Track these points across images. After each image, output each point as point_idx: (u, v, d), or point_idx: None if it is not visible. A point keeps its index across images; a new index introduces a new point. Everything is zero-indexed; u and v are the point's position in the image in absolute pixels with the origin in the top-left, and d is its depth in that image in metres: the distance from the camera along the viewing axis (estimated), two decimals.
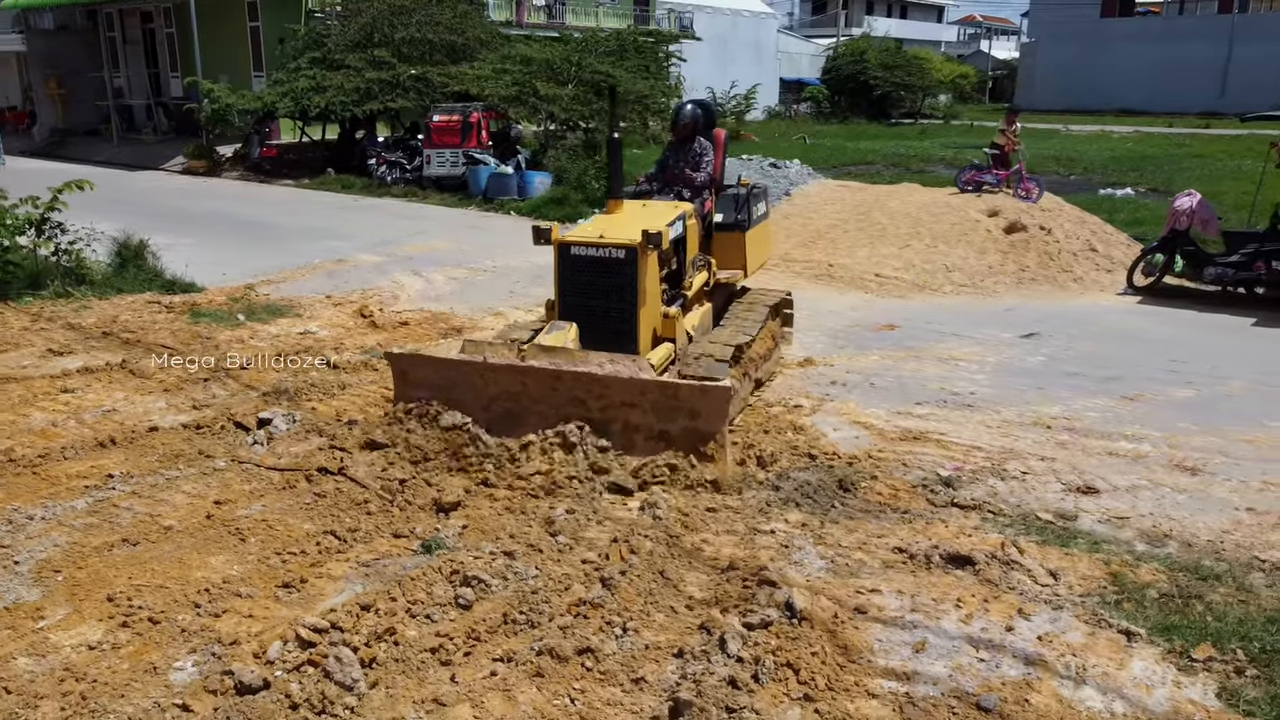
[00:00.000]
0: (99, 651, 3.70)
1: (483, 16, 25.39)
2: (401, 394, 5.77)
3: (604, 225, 6.26)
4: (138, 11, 29.72)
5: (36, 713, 3.31)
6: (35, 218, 9.92)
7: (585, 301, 6.05)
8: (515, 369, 5.40)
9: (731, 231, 7.30)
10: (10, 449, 5.66)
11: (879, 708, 3.45)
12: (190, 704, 3.26)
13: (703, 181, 7.11)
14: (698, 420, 5.19)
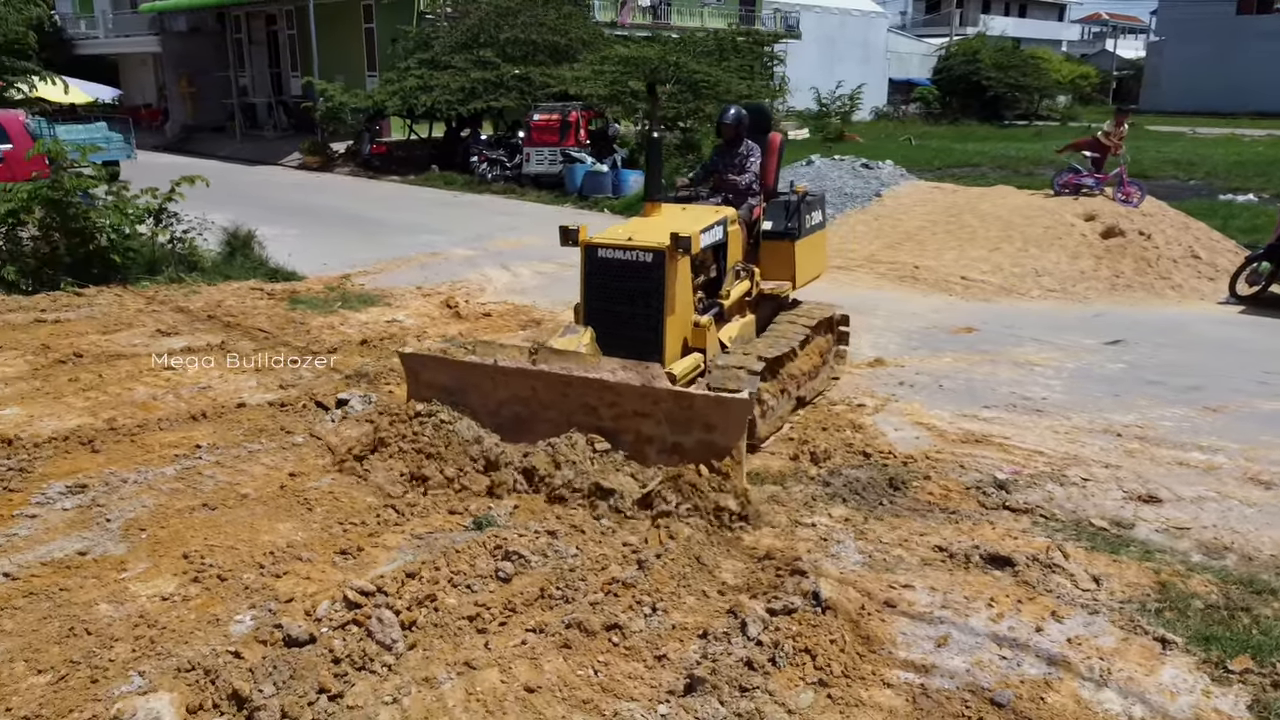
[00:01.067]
0: (170, 602, 4.03)
1: (586, 17, 25.78)
2: (414, 393, 5.63)
3: (635, 228, 6.06)
4: (263, 14, 31.21)
5: (110, 652, 3.65)
6: (154, 208, 10.63)
7: (611, 307, 5.83)
8: (526, 373, 5.21)
9: (780, 240, 7.02)
10: (113, 419, 6.14)
11: (892, 697, 3.50)
12: (242, 652, 3.55)
13: (746, 185, 6.84)
14: (713, 434, 4.87)
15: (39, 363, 7.34)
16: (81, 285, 9.90)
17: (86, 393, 6.68)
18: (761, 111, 7.44)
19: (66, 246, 10.11)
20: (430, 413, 5.36)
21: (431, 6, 25.90)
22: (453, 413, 5.35)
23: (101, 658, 3.62)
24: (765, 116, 7.42)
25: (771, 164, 7.14)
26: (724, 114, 6.92)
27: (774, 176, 7.18)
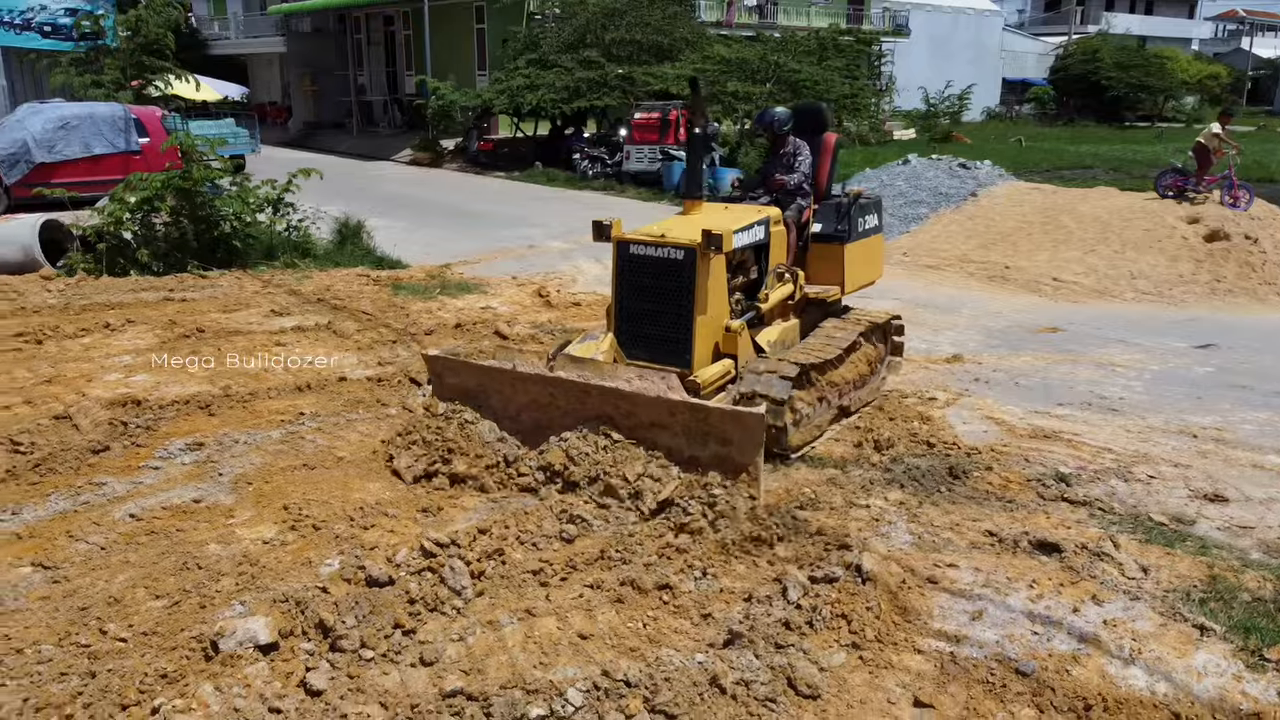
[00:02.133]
0: (270, 546, 4.49)
1: (691, 17, 26.08)
2: (439, 394, 5.61)
3: (670, 225, 5.93)
4: (381, 15, 32.50)
5: (217, 584, 4.11)
6: (272, 198, 11.38)
7: (641, 305, 5.72)
8: (544, 379, 5.14)
9: (830, 243, 6.79)
10: (228, 387, 6.73)
11: (921, 662, 3.69)
12: (329, 588, 3.96)
13: (795, 185, 6.63)
14: (729, 448, 4.70)
15: (166, 336, 8.04)
16: (206, 268, 10.69)
17: (207, 364, 7.31)
18: (816, 111, 7.26)
19: (194, 232, 10.93)
20: (454, 411, 5.37)
21: (541, 8, 26.60)
22: (476, 414, 5.33)
23: (209, 588, 4.09)
24: (819, 116, 7.22)
25: (824, 165, 6.96)
26: (761, 115, 6.81)
27: (827, 178, 6.99)
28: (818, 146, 6.89)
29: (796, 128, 6.78)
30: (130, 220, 10.62)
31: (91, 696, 3.30)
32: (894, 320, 7.19)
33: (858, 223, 6.88)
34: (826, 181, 6.96)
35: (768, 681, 3.51)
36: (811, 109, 7.28)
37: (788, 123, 6.72)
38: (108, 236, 10.55)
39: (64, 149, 15.03)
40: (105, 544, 4.52)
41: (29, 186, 14.55)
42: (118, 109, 15.81)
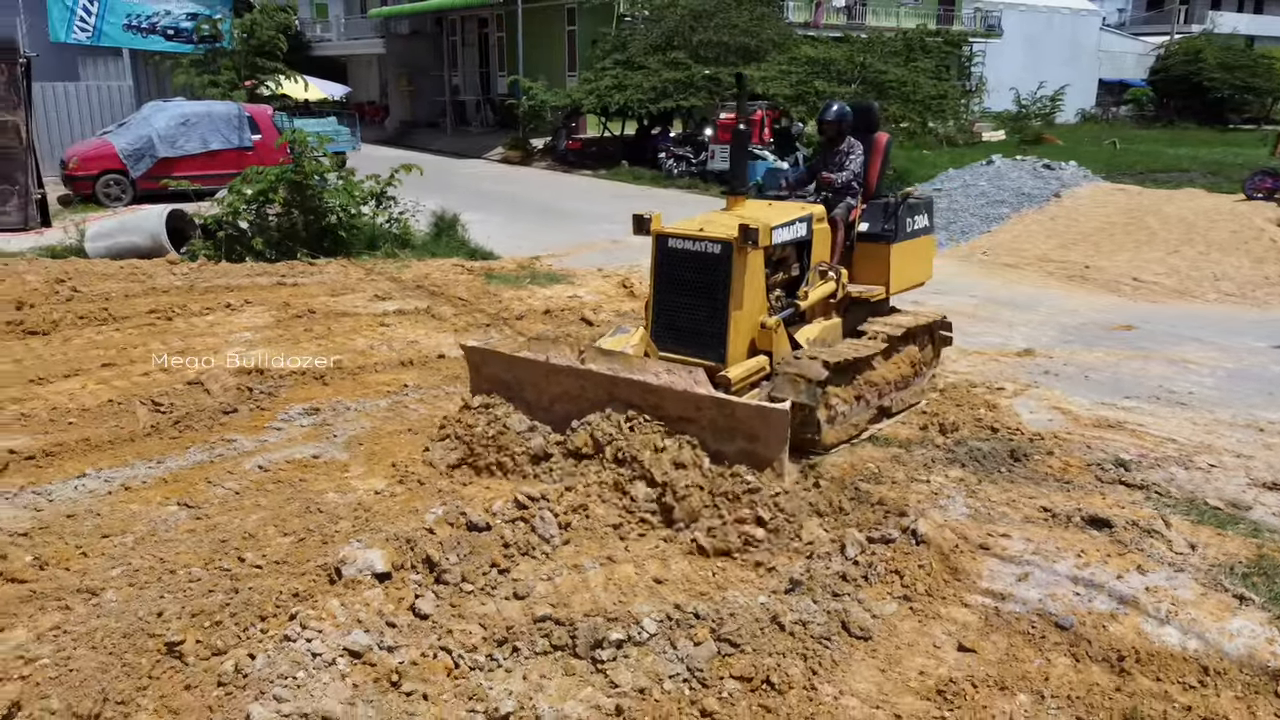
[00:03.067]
0: (381, 496, 5.04)
1: (779, 19, 26.30)
2: (476, 386, 5.69)
3: (709, 219, 5.95)
4: (475, 17, 33.48)
5: (336, 525, 4.66)
6: (376, 192, 12.10)
7: (677, 299, 5.75)
8: (575, 371, 5.20)
9: (876, 243, 6.75)
10: (340, 361, 7.35)
11: (966, 614, 4.02)
12: (435, 530, 4.46)
13: (844, 183, 6.62)
14: (755, 444, 4.71)
15: (281, 316, 8.73)
16: (313, 256, 11.44)
17: (319, 340, 7.97)
18: (868, 110, 7.23)
19: (303, 223, 11.70)
20: (486, 406, 5.45)
21: (630, 10, 27.14)
22: (508, 408, 5.39)
23: (330, 529, 4.64)
24: (871, 115, 7.20)
25: (875, 164, 6.92)
26: (825, 110, 6.79)
27: (877, 177, 6.95)
28: (869, 146, 6.88)
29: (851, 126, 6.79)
30: (246, 211, 11.43)
31: (236, 608, 3.84)
32: (941, 321, 7.14)
33: (906, 223, 6.84)
34: (876, 181, 6.94)
35: (824, 623, 3.89)
36: (863, 108, 7.24)
37: (843, 121, 6.74)
38: (226, 225, 11.38)
39: (184, 144, 16.09)
40: (239, 489, 5.13)
41: (153, 179, 15.69)
42: (233, 107, 16.86)
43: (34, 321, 8.22)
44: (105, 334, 8.03)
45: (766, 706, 3.44)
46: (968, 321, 9.39)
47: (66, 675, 3.40)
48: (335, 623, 3.66)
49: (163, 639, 3.62)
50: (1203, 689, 3.56)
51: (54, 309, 8.62)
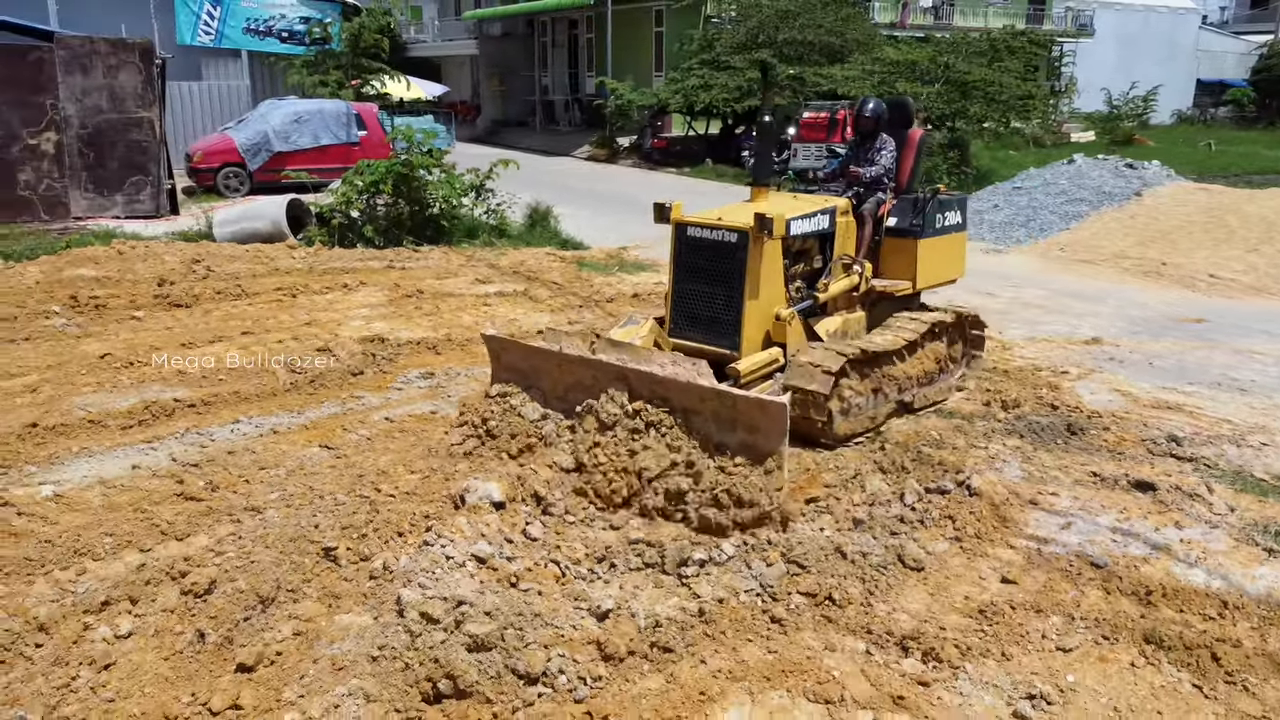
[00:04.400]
0: None
1: (864, 19, 26.53)
2: (495, 375, 5.71)
3: (729, 209, 6.03)
4: (566, 19, 34.37)
5: (456, 466, 5.35)
6: (475, 185, 12.92)
7: (695, 287, 5.85)
8: (586, 361, 5.21)
9: (903, 238, 6.79)
10: (449, 334, 8.11)
11: (1011, 554, 4.51)
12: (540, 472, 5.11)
13: (873, 178, 6.71)
14: (755, 436, 4.67)
15: (393, 295, 9.55)
16: (418, 244, 12.29)
17: (429, 317, 8.75)
18: (902, 106, 7.26)
19: (409, 212, 12.56)
20: (503, 394, 5.49)
21: (716, 10, 27.66)
22: (523, 396, 5.42)
23: (449, 469, 5.32)
24: (906, 111, 7.21)
25: (908, 160, 6.97)
26: (862, 105, 6.85)
27: (909, 173, 6.99)
28: (903, 141, 6.94)
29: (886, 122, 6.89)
30: (358, 200, 12.33)
31: (378, 525, 4.55)
32: (971, 317, 7.13)
33: (935, 219, 6.86)
34: (909, 177, 6.98)
35: (881, 555, 4.43)
36: (898, 103, 7.27)
37: (880, 116, 6.82)
38: (339, 214, 12.30)
39: (297, 140, 17.21)
40: (370, 436, 5.88)
41: (268, 172, 16.84)
42: (342, 105, 17.94)
43: (177, 295, 9.18)
44: (240, 307, 8.94)
45: (828, 617, 4.00)
46: (1038, 313, 9.75)
47: (248, 566, 4.15)
48: (463, 535, 4.33)
49: (320, 544, 4.35)
50: (1220, 620, 4.00)
51: (193, 285, 9.58)
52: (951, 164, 18.32)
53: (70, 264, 10.35)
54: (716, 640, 3.83)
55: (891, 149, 6.81)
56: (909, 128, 7.09)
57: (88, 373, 6.97)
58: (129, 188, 14.44)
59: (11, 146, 13.55)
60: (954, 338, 7.00)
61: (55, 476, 5.24)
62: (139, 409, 6.20)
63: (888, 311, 6.76)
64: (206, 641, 3.69)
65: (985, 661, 3.71)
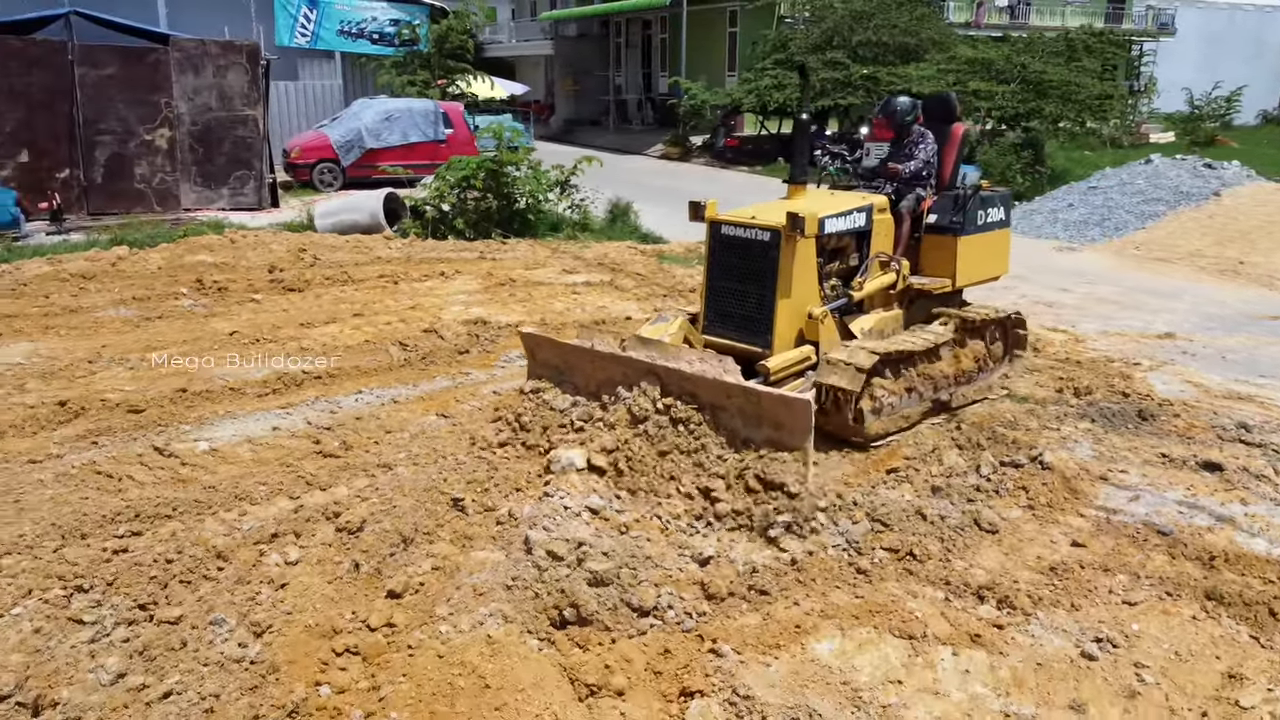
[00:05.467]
0: None
1: (939, 19, 26.56)
2: (531, 371, 5.86)
3: (763, 207, 6.08)
4: (640, 20, 34.91)
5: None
6: (560, 180, 13.48)
7: (728, 284, 5.90)
8: (617, 358, 5.31)
9: (943, 235, 6.71)
10: (542, 319, 8.64)
11: (1081, 522, 4.86)
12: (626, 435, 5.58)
13: (911, 173, 6.61)
14: (781, 432, 4.73)
15: (487, 283, 10.13)
16: (505, 236, 12.89)
17: (522, 303, 9.30)
18: (943, 101, 7.17)
19: (497, 207, 13.17)
20: (536, 390, 5.65)
21: (791, 11, 27.92)
22: (555, 391, 5.57)
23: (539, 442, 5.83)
24: (949, 106, 7.09)
25: (949, 155, 6.87)
26: (886, 103, 6.84)
27: (951, 169, 6.91)
28: (945, 136, 6.82)
29: (926, 117, 6.84)
30: (450, 194, 12.97)
31: (498, 481, 5.06)
32: (1014, 317, 7.03)
33: (976, 216, 6.78)
34: (950, 172, 6.90)
35: (959, 518, 4.81)
36: (940, 98, 7.23)
37: (910, 113, 6.74)
38: (432, 207, 12.95)
39: (387, 137, 17.98)
40: (480, 406, 6.41)
41: (360, 168, 17.65)
42: (430, 104, 18.69)
43: (290, 280, 9.87)
44: (348, 292, 9.60)
45: (909, 570, 4.40)
46: (1113, 308, 9.95)
47: (390, 510, 4.69)
48: (577, 490, 4.82)
49: (449, 495, 4.87)
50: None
51: (302, 272, 10.28)
52: (1025, 164, 18.37)
53: (189, 251, 11.16)
54: (807, 586, 4.25)
55: (929, 143, 6.70)
56: (951, 123, 6.99)
57: (220, 347, 7.65)
58: (234, 181, 15.32)
59: (129, 142, 14.50)
60: (994, 336, 6.93)
61: (208, 434, 5.87)
62: (272, 379, 6.83)
63: (927, 310, 6.72)
64: (361, 571, 4.23)
65: (1055, 610, 4.08)
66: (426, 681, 3.36)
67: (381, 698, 3.32)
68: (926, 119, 6.84)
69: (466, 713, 3.23)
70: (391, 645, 3.71)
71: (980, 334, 6.73)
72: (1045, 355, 7.98)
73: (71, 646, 3.73)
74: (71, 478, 5.16)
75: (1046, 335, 8.65)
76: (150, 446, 5.59)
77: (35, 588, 4.02)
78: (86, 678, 3.53)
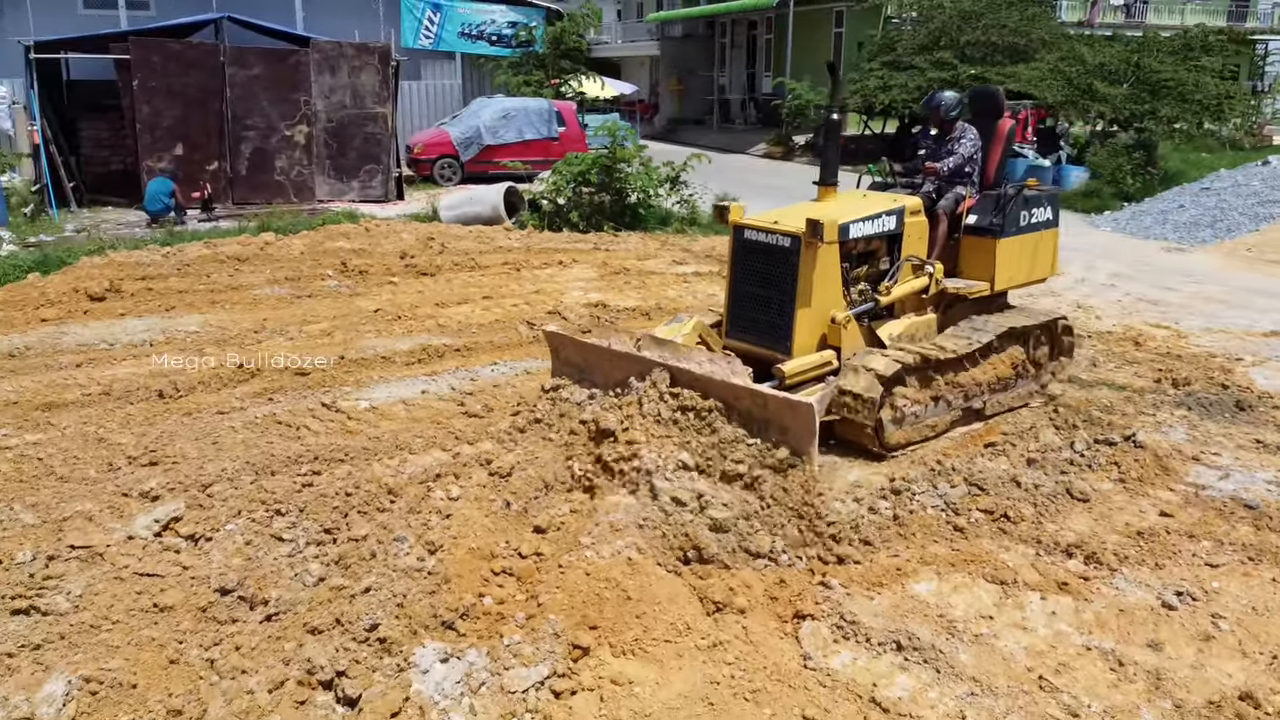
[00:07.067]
0: None
1: (1050, 18, 26.20)
2: (555, 369, 5.85)
3: (788, 211, 6.01)
4: (746, 20, 35.26)
5: None
6: (671, 176, 14.06)
7: (751, 289, 5.86)
8: (632, 357, 5.29)
9: (982, 236, 6.50)
10: (657, 304, 9.21)
11: (1170, 495, 5.17)
12: None
13: (949, 171, 6.42)
14: (786, 435, 4.65)
15: (603, 272, 10.76)
16: (617, 229, 13.52)
17: (637, 290, 9.90)
18: (988, 95, 6.98)
19: (610, 201, 13.81)
20: (556, 387, 5.65)
21: (898, 11, 27.91)
22: (573, 388, 5.56)
23: None
24: (993, 100, 6.88)
25: (995, 153, 6.66)
26: (930, 98, 6.68)
27: (996, 166, 6.71)
28: (991, 132, 6.63)
29: (971, 112, 6.71)
30: (566, 189, 13.67)
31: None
32: (1058, 322, 6.88)
33: (1019, 216, 6.58)
34: (995, 171, 6.71)
35: (1051, 488, 5.18)
36: (986, 93, 7.06)
37: (955, 108, 6.57)
38: (548, 200, 13.67)
39: (504, 135, 18.85)
40: None
41: (477, 163, 18.57)
42: (545, 103, 19.51)
43: (421, 266, 10.67)
44: (475, 277, 10.34)
45: (1003, 530, 4.80)
46: (1219, 307, 10.01)
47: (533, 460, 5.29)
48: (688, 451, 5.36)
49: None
50: None
51: (433, 259, 11.07)
52: (1136, 165, 18.16)
53: (327, 238, 12.09)
54: (908, 539, 4.71)
55: (973, 138, 6.52)
56: (998, 118, 6.78)
57: (367, 323, 8.44)
58: (363, 175, 16.35)
59: (271, 138, 15.64)
60: (1037, 342, 6.72)
61: (367, 395, 6.61)
62: (417, 351, 7.57)
63: (965, 314, 6.52)
64: (511, 509, 4.84)
65: (1140, 568, 4.44)
66: (576, 593, 3.94)
67: (540, 604, 3.92)
68: (972, 114, 6.72)
69: (612, 618, 3.79)
70: (541, 569, 4.30)
71: (1020, 339, 6.52)
72: (1146, 349, 8.19)
73: (274, 558, 4.44)
74: (256, 425, 5.94)
75: (1148, 331, 8.83)
76: (319, 403, 6.36)
77: (243, 510, 4.76)
78: (291, 581, 4.23)
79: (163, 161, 14.76)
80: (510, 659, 3.62)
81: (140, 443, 5.64)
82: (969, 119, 6.71)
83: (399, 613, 3.81)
